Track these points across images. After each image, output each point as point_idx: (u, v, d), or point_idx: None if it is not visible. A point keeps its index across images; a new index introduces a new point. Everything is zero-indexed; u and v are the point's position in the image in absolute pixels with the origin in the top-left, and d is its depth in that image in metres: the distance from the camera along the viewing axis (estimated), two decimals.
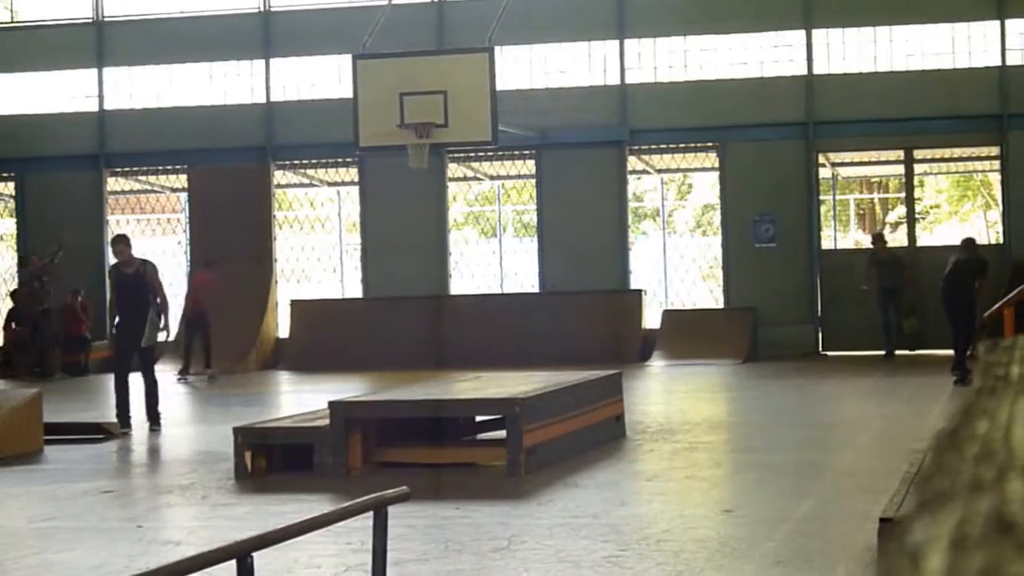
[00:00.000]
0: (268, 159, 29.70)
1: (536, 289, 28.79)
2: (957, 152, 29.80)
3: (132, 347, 16.67)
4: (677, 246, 31.91)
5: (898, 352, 25.95)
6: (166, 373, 23.43)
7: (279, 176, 30.45)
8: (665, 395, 20.92)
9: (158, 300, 16.65)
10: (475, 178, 31.59)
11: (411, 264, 28.54)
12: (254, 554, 5.51)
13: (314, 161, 30.25)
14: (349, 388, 19.59)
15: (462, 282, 30.06)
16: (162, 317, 16.71)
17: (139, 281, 16.59)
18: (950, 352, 22.75)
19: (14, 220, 31.68)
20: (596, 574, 8.28)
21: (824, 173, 29.44)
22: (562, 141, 28.08)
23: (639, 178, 31.80)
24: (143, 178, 31.46)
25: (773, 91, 27.69)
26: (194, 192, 30.19)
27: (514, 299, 28.73)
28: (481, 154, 28.54)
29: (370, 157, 27.26)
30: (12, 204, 31.61)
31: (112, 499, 11.98)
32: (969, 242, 21.92)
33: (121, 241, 16.88)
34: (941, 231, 41.30)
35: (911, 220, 29.27)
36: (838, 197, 32.71)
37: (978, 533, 1.10)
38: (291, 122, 29.46)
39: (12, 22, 32.65)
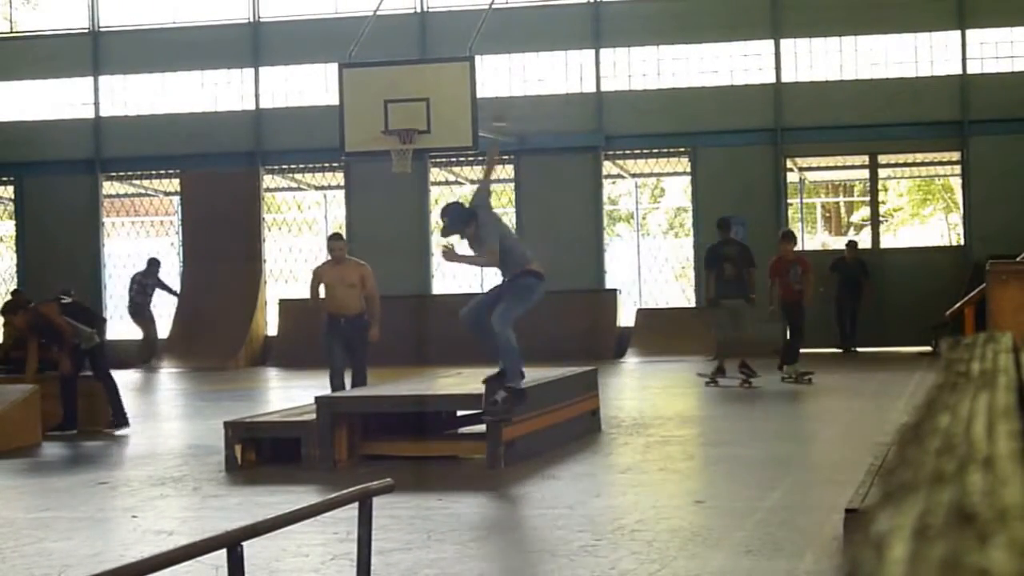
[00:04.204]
0: (257, 164, 29.92)
1: None
2: (919, 157, 30.11)
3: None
4: (650, 247, 31.88)
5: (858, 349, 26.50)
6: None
7: (268, 180, 30.65)
8: (639, 390, 21.02)
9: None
10: (456, 182, 31.58)
11: (395, 265, 28.23)
12: (244, 543, 5.59)
13: (301, 166, 30.51)
14: None
15: (444, 282, 30.16)
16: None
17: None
18: (910, 349, 24.94)
19: (13, 222, 31.85)
20: (572, 563, 8.36)
21: (792, 177, 29.55)
22: (540, 147, 28.20)
23: (614, 182, 31.83)
24: (137, 182, 31.50)
25: (743, 98, 27.92)
26: (186, 196, 30.39)
27: None
28: (462, 159, 28.83)
29: (355, 162, 27.34)
30: (11, 207, 31.82)
31: (107, 490, 12.11)
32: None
33: None
34: (904, 233, 41.46)
35: (875, 223, 29.67)
36: (805, 200, 32.34)
37: (940, 523, 1.11)
38: (279, 128, 29.67)
39: (11, 32, 32.91)
